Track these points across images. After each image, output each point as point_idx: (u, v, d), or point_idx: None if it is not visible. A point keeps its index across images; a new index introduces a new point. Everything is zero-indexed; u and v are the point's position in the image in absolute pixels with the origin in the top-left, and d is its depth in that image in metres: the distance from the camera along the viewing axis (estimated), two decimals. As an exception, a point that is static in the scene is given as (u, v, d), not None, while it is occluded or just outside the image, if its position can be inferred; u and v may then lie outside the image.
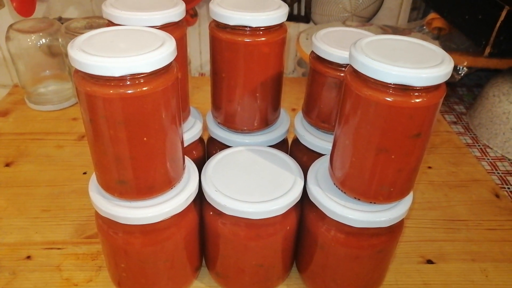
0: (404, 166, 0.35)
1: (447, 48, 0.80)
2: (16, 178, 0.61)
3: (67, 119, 0.74)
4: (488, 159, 0.71)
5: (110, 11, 0.39)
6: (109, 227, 0.39)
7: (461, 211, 0.59)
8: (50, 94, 0.76)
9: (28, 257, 0.49)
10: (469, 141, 0.76)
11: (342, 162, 0.38)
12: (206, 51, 0.95)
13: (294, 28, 0.93)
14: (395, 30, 0.85)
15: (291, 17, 0.91)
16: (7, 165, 0.63)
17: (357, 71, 0.33)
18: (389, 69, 0.31)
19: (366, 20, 0.92)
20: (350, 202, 0.39)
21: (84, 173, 0.62)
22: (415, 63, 0.32)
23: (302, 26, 0.93)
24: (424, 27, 0.86)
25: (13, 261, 0.48)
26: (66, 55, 0.70)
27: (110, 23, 0.40)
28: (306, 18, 0.91)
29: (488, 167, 0.69)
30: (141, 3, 0.41)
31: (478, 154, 0.72)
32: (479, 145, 0.75)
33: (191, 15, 0.87)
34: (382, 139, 0.34)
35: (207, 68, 0.97)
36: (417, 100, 0.32)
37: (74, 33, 0.67)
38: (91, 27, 0.70)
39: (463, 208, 0.59)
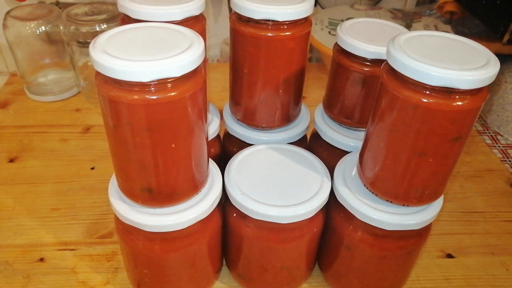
0: (441, 169, 0.34)
1: (459, 33, 0.78)
2: (21, 175, 0.58)
3: (70, 110, 0.71)
4: (499, 146, 0.71)
5: (127, 5, 0.36)
6: (129, 233, 0.38)
7: (477, 203, 0.58)
8: (50, 84, 0.73)
9: (41, 259, 0.47)
10: (480, 128, 0.75)
11: (374, 164, 0.37)
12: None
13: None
14: (405, 14, 0.83)
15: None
16: (11, 160, 0.61)
17: (394, 70, 0.31)
18: (432, 70, 0.29)
19: (374, 3, 0.89)
20: (381, 204, 0.38)
21: (92, 168, 0.60)
22: (459, 64, 0.30)
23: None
24: (434, 11, 0.84)
25: (27, 264, 0.47)
26: (68, 43, 0.66)
27: (126, 18, 0.38)
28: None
29: (499, 155, 0.68)
30: (158, -4, 0.39)
31: (489, 141, 0.72)
32: (489, 132, 0.74)
33: None
34: (420, 143, 0.32)
35: (209, 53, 0.94)
36: (460, 103, 0.30)
37: (76, 21, 0.63)
38: (93, 13, 0.66)
39: (479, 199, 0.59)
